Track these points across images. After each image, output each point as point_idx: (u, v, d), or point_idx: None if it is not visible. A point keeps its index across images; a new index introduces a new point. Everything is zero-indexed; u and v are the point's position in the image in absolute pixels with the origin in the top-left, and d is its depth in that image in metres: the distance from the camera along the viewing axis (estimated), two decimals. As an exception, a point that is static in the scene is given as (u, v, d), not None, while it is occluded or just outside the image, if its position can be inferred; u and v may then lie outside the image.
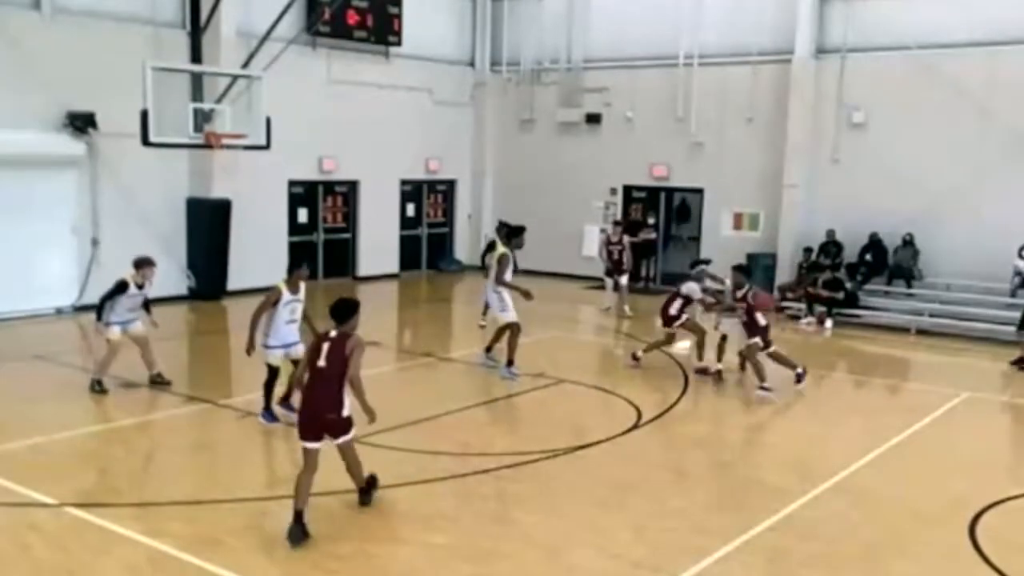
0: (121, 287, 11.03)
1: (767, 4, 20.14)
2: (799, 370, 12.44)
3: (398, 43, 21.57)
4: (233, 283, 18.23)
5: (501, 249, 12.99)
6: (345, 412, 7.53)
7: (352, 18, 20.50)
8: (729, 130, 20.80)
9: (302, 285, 10.11)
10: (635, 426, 10.61)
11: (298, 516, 7.19)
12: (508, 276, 12.66)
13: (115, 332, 11.15)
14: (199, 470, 9.19)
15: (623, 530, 7.65)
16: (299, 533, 7.16)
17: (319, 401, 7.43)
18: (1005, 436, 11.76)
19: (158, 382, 11.54)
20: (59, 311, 16.26)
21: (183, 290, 17.88)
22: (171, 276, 17.27)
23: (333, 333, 7.54)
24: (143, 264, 11.21)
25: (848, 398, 13.21)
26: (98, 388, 11.18)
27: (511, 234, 13.27)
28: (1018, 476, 9.64)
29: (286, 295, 9.95)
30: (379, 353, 14.38)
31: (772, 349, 12.48)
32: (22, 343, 14.09)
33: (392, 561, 7.10)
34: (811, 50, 19.55)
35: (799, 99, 19.65)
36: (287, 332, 10.05)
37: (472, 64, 24.25)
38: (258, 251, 18.36)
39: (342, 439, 7.62)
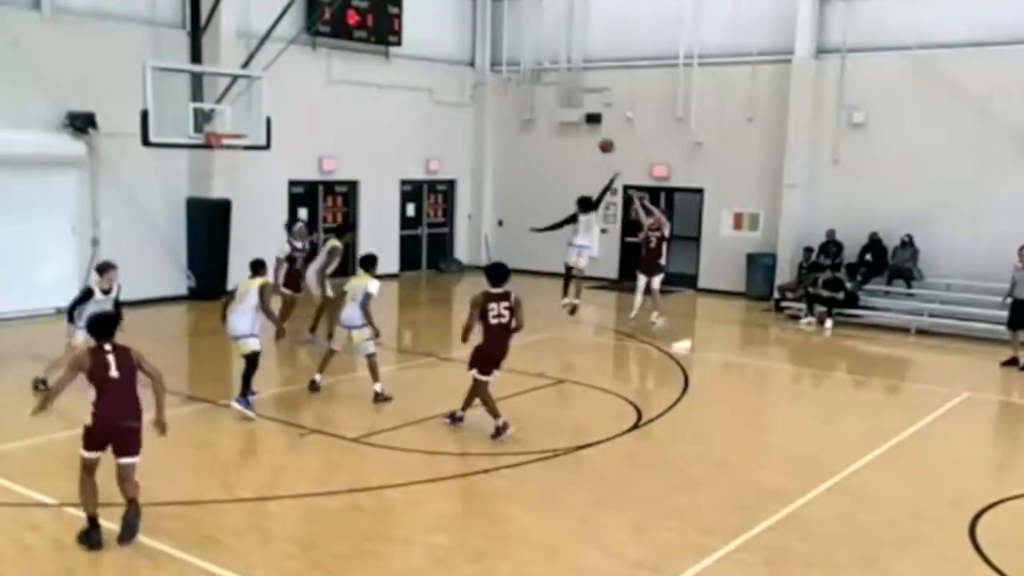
0: (86, 295, 11.06)
1: (767, 4, 20.14)
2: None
3: (398, 43, 21.56)
4: (233, 283, 17.98)
5: (333, 242, 14.57)
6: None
7: (352, 18, 20.49)
8: (729, 130, 20.80)
9: None
10: (635, 426, 10.61)
11: None
12: (328, 269, 14.37)
13: (79, 338, 11.05)
14: (199, 470, 9.19)
15: (623, 530, 7.65)
16: None
17: None
18: (1005, 436, 11.76)
19: None
20: (59, 311, 16.21)
21: (183, 290, 17.87)
22: (171, 276, 17.29)
23: None
24: (105, 269, 11.19)
25: (848, 398, 13.21)
26: (42, 387, 11.09)
27: (340, 231, 14.88)
28: (1018, 476, 9.65)
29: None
30: (379, 353, 14.36)
31: None
32: (22, 343, 14.09)
33: (392, 561, 7.10)
34: (811, 50, 19.55)
35: (799, 99, 19.65)
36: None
37: (472, 64, 24.25)
38: (258, 251, 18.27)
39: None
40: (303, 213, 20.70)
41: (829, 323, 17.52)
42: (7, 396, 11.16)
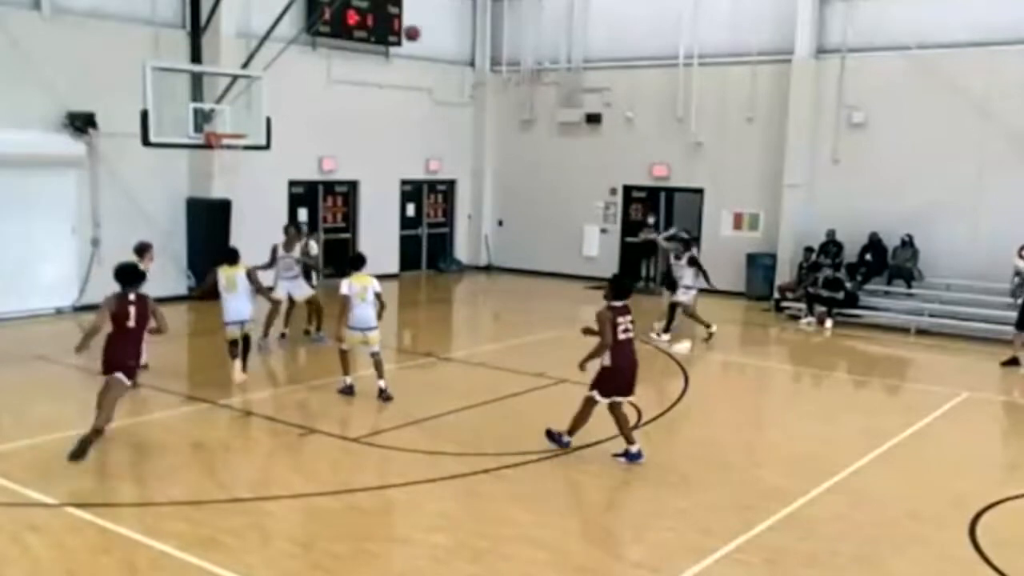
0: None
1: (767, 4, 20.14)
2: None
3: (398, 43, 21.56)
4: (233, 283, 18.20)
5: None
6: None
7: (352, 18, 20.50)
8: (729, 130, 20.80)
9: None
10: (635, 426, 10.60)
11: None
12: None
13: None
14: (199, 470, 9.18)
15: (623, 530, 7.65)
16: None
17: None
18: (1005, 436, 11.76)
19: None
20: (59, 311, 16.26)
21: (183, 290, 17.87)
22: (171, 276, 17.27)
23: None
24: (144, 250, 12.12)
25: (848, 398, 13.21)
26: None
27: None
28: (1018, 476, 9.64)
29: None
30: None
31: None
32: (22, 343, 14.09)
33: (392, 561, 7.10)
34: (811, 50, 19.56)
35: (799, 99, 19.66)
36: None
37: (472, 64, 24.26)
38: (258, 251, 18.32)
39: None
40: (303, 213, 20.73)
41: (829, 323, 17.52)
42: (7, 396, 11.16)
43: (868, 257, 18.66)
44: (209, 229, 17.96)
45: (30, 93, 15.48)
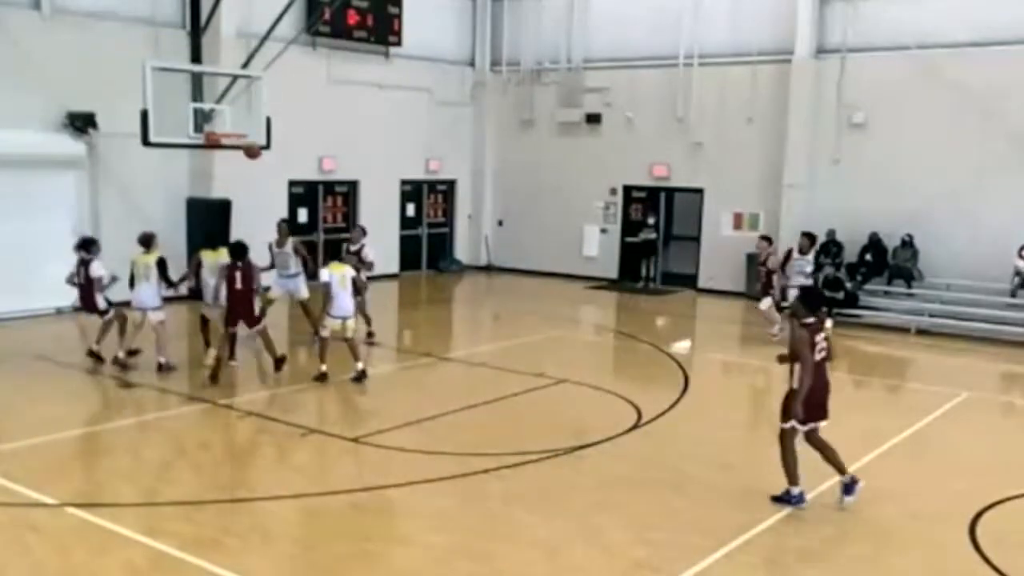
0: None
1: (767, 4, 20.14)
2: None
3: (398, 43, 21.56)
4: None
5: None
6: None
7: (352, 18, 20.49)
8: (729, 130, 20.80)
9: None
10: (635, 426, 10.61)
11: None
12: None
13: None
14: (199, 470, 9.19)
15: (623, 530, 7.65)
16: None
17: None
18: (1005, 436, 11.74)
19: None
20: (59, 311, 16.24)
21: (183, 290, 17.82)
22: (171, 276, 17.22)
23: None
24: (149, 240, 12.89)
25: (848, 398, 13.17)
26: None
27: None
28: (1018, 476, 9.63)
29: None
30: (379, 353, 14.40)
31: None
32: (22, 343, 14.09)
33: (392, 561, 7.10)
34: (811, 50, 19.56)
35: (799, 99, 19.66)
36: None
37: (472, 64, 24.26)
38: (258, 251, 18.32)
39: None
40: (303, 214, 20.73)
41: (829, 323, 17.44)
42: (7, 396, 11.15)
43: (868, 257, 18.65)
44: (209, 229, 17.93)
45: (30, 93, 15.47)
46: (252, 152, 14.27)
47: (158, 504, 8.00)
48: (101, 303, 12.77)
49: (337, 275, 12.02)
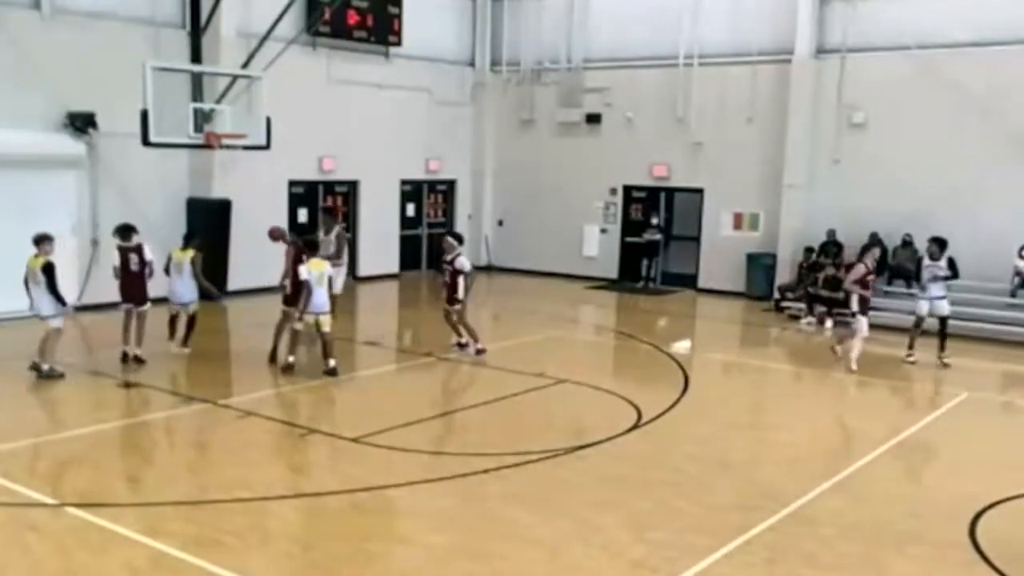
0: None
1: (767, 4, 20.14)
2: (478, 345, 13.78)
3: (398, 43, 21.56)
4: (233, 283, 18.22)
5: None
6: None
7: (352, 18, 20.48)
8: (729, 130, 20.80)
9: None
10: (635, 426, 10.61)
11: None
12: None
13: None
14: (199, 470, 9.19)
15: (623, 530, 7.65)
16: None
17: None
18: (1005, 436, 11.74)
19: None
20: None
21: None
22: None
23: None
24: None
25: (848, 398, 13.21)
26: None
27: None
28: (1018, 476, 9.63)
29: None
30: (379, 353, 14.40)
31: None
32: (22, 343, 14.07)
33: (392, 561, 7.10)
34: (811, 50, 19.56)
35: (799, 99, 19.66)
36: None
37: (472, 64, 24.25)
38: (258, 251, 18.35)
39: None
40: (303, 213, 20.72)
41: (829, 323, 17.51)
42: (7, 396, 11.16)
43: (868, 257, 18.63)
44: (209, 229, 17.93)
45: (30, 93, 15.47)
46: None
47: (158, 504, 8.00)
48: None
49: (316, 272, 12.25)
